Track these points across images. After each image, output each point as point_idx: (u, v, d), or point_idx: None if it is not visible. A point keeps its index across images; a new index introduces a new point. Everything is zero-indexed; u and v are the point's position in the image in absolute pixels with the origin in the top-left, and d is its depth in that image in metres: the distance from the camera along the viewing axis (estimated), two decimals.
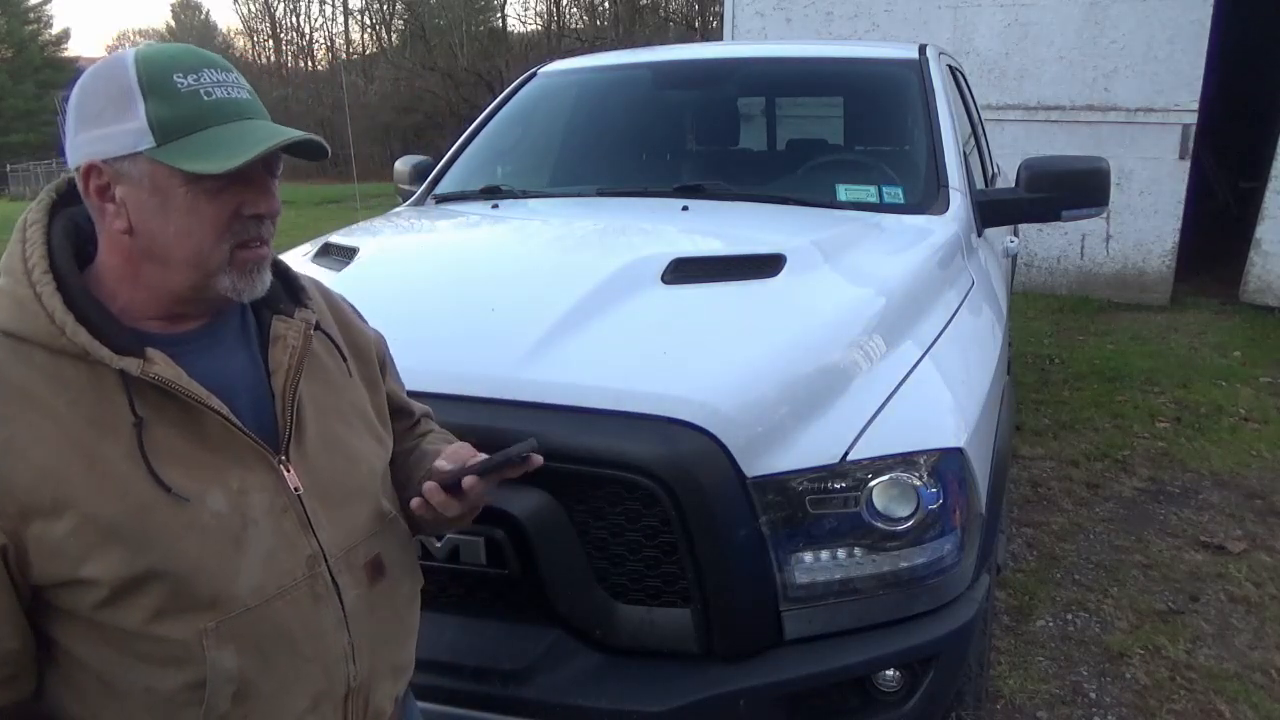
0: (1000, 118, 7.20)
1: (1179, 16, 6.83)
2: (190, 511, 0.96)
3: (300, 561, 1.03)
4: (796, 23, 8.10)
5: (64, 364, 0.94)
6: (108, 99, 0.95)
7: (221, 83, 0.97)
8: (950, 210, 2.48)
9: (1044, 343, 6.17)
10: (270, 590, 1.00)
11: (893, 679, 1.58)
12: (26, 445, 0.91)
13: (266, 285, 1.03)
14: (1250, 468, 4.00)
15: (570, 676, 1.53)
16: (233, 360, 1.05)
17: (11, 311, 0.94)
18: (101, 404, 0.94)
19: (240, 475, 1.00)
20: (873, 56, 3.26)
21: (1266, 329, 6.37)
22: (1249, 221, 7.04)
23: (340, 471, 1.10)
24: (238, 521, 0.99)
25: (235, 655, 0.98)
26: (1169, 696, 2.47)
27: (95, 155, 0.95)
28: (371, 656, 1.11)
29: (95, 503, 0.92)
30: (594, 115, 3.35)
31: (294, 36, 47.30)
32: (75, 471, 0.92)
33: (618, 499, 1.51)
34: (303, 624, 1.03)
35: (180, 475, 0.96)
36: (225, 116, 0.96)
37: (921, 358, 1.76)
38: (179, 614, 0.96)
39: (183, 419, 0.97)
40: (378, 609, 1.12)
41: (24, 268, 0.96)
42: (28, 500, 0.90)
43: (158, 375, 0.94)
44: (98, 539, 0.92)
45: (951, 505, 1.56)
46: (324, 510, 1.06)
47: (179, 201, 0.95)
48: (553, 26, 32.42)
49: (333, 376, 1.14)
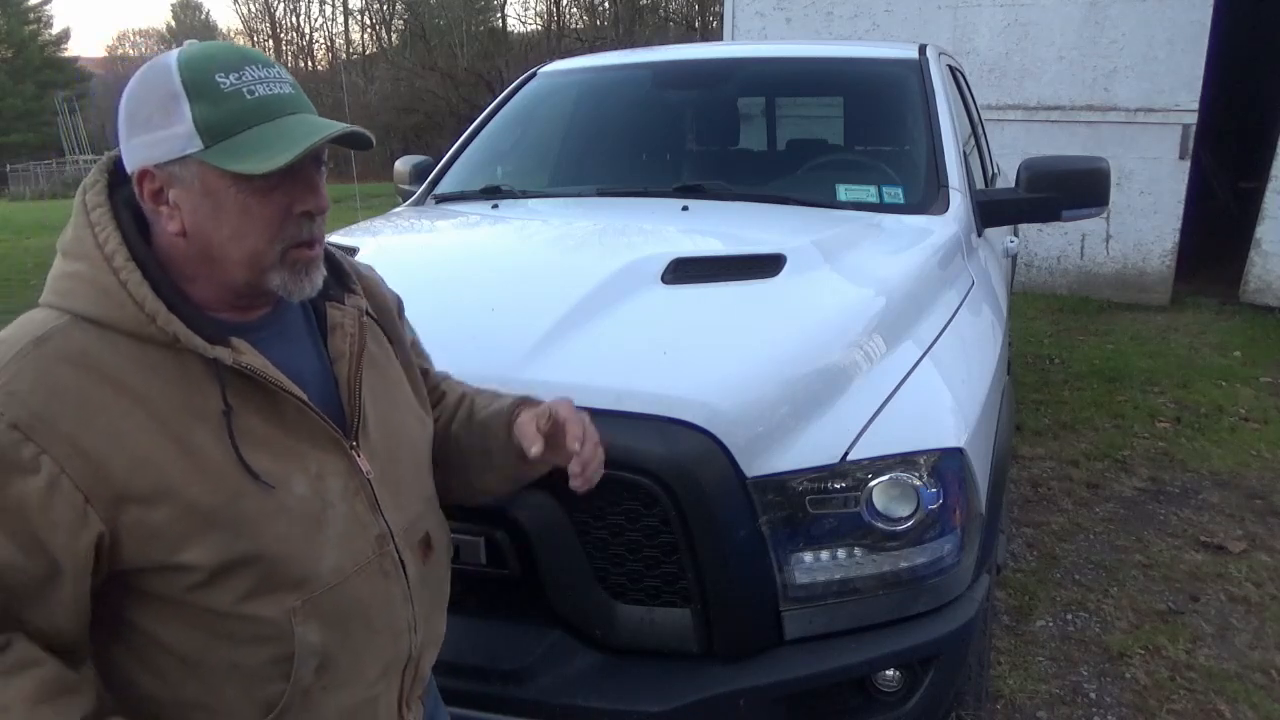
0: (1000, 118, 7.20)
1: (1179, 16, 6.83)
2: (277, 496, 0.98)
3: (371, 541, 1.07)
4: (796, 23, 8.10)
5: (150, 351, 0.94)
6: (155, 103, 0.95)
7: (264, 79, 0.97)
8: (950, 210, 2.48)
9: (1044, 343, 6.17)
10: (348, 569, 1.04)
11: (893, 679, 1.58)
12: (124, 432, 0.91)
13: (318, 285, 1.04)
14: (1250, 468, 4.00)
15: (570, 676, 1.53)
16: (299, 348, 1.07)
17: (95, 299, 0.94)
18: (190, 392, 0.95)
19: (318, 460, 1.03)
20: (873, 56, 3.26)
21: (1266, 329, 6.37)
22: (1249, 221, 7.04)
23: (396, 455, 1.13)
24: (317, 504, 1.02)
25: (319, 630, 1.02)
26: (1169, 696, 2.47)
27: (147, 160, 0.95)
28: (425, 628, 1.16)
29: (192, 490, 0.93)
30: (594, 115, 3.35)
31: (294, 36, 47.31)
32: (170, 459, 0.92)
33: (618, 499, 1.51)
34: (376, 599, 1.08)
35: (266, 461, 0.98)
36: (269, 114, 0.96)
37: (921, 358, 1.76)
38: (268, 594, 0.98)
39: (264, 406, 0.99)
40: (428, 583, 1.17)
41: (101, 254, 0.95)
42: (126, 487, 0.91)
43: (247, 364, 0.96)
44: (195, 525, 0.93)
45: (951, 505, 1.56)
46: (387, 492, 1.10)
47: (230, 203, 0.95)
48: (553, 26, 32.42)
49: (381, 361, 1.17)
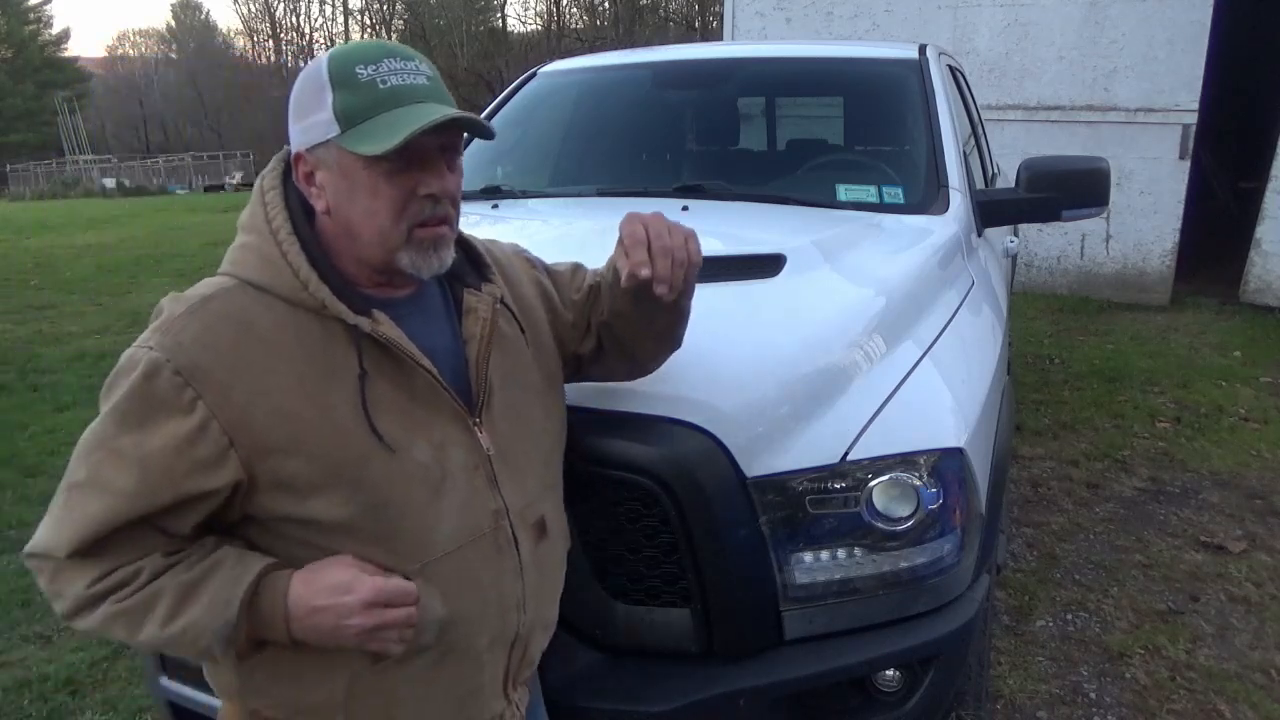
0: (1000, 118, 7.20)
1: (1179, 16, 6.83)
2: (399, 460, 1.06)
3: (487, 515, 1.14)
4: (796, 23, 8.10)
5: (300, 316, 1.05)
6: (309, 94, 1.06)
7: (398, 70, 1.05)
8: (950, 210, 2.48)
9: (1044, 343, 6.17)
10: (463, 538, 1.12)
11: (893, 679, 1.58)
12: (268, 387, 1.01)
13: (446, 263, 1.11)
14: (1250, 468, 4.00)
15: (570, 676, 1.53)
16: (434, 327, 1.16)
17: (258, 266, 1.06)
18: (331, 355, 1.05)
19: (441, 431, 1.11)
20: (873, 56, 3.25)
21: (1266, 329, 6.37)
22: (1249, 221, 7.04)
23: (518, 436, 1.20)
24: (437, 473, 1.09)
25: (438, 594, 1.09)
26: (1169, 696, 2.47)
27: (300, 145, 1.07)
28: (534, 608, 1.22)
29: (322, 445, 1.02)
30: (594, 115, 3.35)
31: (294, 36, 47.33)
32: (306, 414, 1.02)
33: (618, 499, 1.51)
34: (488, 572, 1.15)
35: (392, 426, 1.06)
36: (398, 101, 1.03)
37: (921, 358, 1.76)
38: (389, 554, 1.07)
39: (396, 375, 1.08)
40: (541, 565, 1.23)
41: (269, 228, 1.07)
42: (264, 437, 1.00)
43: (384, 334, 1.05)
44: (322, 479, 1.03)
45: (951, 505, 1.56)
46: (507, 471, 1.17)
47: (362, 183, 1.04)
48: (553, 26, 32.41)
49: (512, 348, 1.23)
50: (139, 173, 36.50)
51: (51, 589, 1.05)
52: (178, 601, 1.01)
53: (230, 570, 1.03)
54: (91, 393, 5.37)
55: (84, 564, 1.02)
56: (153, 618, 1.01)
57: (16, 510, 3.76)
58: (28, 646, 2.79)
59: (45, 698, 2.52)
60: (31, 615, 2.95)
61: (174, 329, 1.01)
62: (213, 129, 50.63)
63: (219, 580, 1.02)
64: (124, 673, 2.63)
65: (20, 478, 4.13)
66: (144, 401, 0.99)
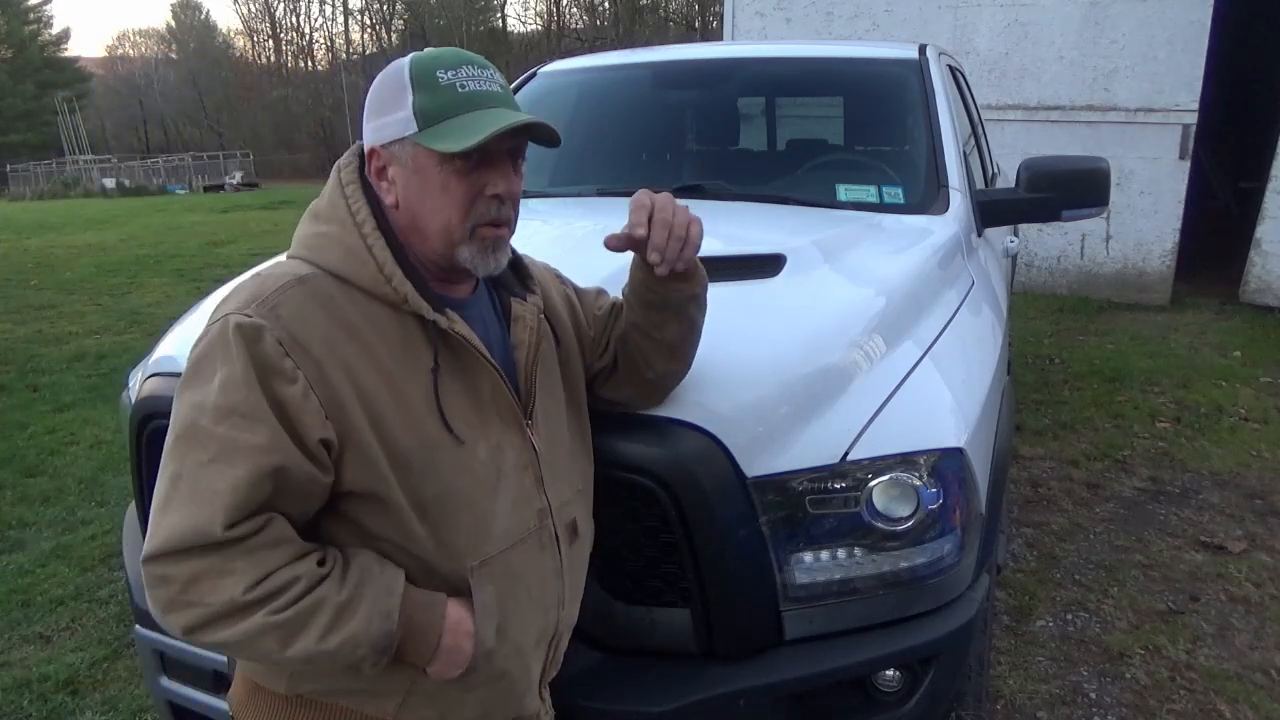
0: (1000, 118, 7.20)
1: (1179, 16, 6.83)
2: (464, 455, 1.11)
3: (533, 513, 1.19)
4: (796, 23, 8.10)
5: (377, 308, 1.09)
6: (389, 94, 1.10)
7: (476, 77, 1.10)
8: (950, 210, 2.48)
9: (1044, 343, 6.17)
10: (515, 535, 1.16)
11: (893, 679, 1.58)
12: (354, 369, 1.05)
13: (502, 264, 1.16)
14: (1250, 468, 4.00)
15: (570, 676, 1.53)
16: (490, 331, 1.20)
17: (342, 257, 1.09)
18: (408, 348, 1.09)
19: (499, 431, 1.15)
20: (873, 56, 3.25)
21: (1266, 329, 6.37)
22: (1249, 221, 7.04)
23: (556, 440, 1.26)
24: (494, 471, 1.14)
25: (494, 592, 1.13)
26: (1169, 696, 2.47)
27: (375, 141, 1.12)
28: (569, 607, 1.27)
29: (398, 431, 1.06)
30: (594, 115, 3.35)
31: (294, 36, 47.36)
32: (385, 400, 1.06)
33: (617, 499, 1.51)
34: (533, 569, 1.19)
35: (459, 422, 1.11)
36: (475, 105, 1.08)
37: (921, 358, 1.76)
38: (452, 545, 1.10)
39: (463, 374, 1.13)
40: (574, 565, 1.28)
41: (353, 221, 1.10)
42: (351, 415, 1.04)
43: (460, 333, 1.10)
44: (395, 461, 1.06)
45: (951, 505, 1.56)
46: (549, 472, 1.22)
47: (434, 179, 1.09)
48: (553, 26, 32.42)
49: (549, 358, 1.29)
50: (139, 173, 36.52)
51: (183, 598, 0.98)
52: (336, 615, 1.01)
53: (380, 581, 1.05)
54: (91, 393, 5.37)
55: (236, 555, 0.98)
56: (309, 631, 0.99)
57: (16, 510, 3.76)
58: (28, 646, 2.79)
59: (45, 698, 2.52)
60: (31, 615, 2.95)
61: (270, 301, 1.04)
62: (213, 129, 50.63)
63: (373, 591, 1.04)
64: (124, 673, 2.63)
65: (20, 478, 4.12)
66: (254, 363, 1.00)
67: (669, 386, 1.45)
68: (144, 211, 19.80)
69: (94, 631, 2.85)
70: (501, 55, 28.34)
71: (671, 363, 1.40)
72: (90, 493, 3.93)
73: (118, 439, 4.42)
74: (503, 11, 35.49)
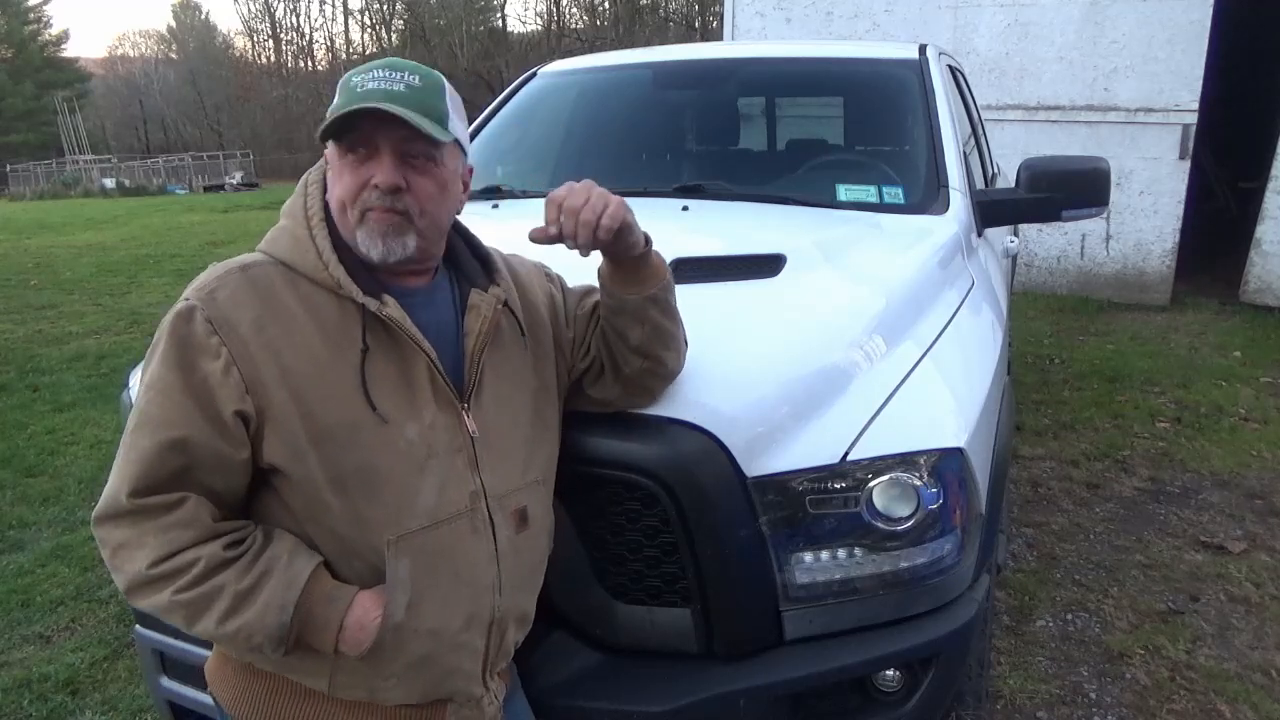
0: (1000, 118, 7.20)
1: (1179, 16, 6.83)
2: (389, 433, 1.16)
3: (465, 495, 1.22)
4: (796, 23, 8.10)
5: (321, 295, 1.18)
6: None
7: (384, 78, 1.16)
8: (950, 210, 2.48)
9: (1044, 343, 6.17)
10: (441, 515, 1.19)
11: (893, 679, 1.58)
12: (280, 349, 1.13)
13: (398, 252, 1.19)
14: (1250, 468, 4.00)
15: (570, 676, 1.53)
16: (441, 319, 1.26)
17: (290, 246, 1.20)
18: (342, 331, 1.17)
19: (432, 413, 1.20)
20: (873, 56, 3.25)
21: (1266, 329, 6.37)
22: (1249, 221, 7.04)
23: (505, 427, 1.29)
24: (423, 451, 1.19)
25: (409, 567, 1.17)
26: (1169, 697, 2.47)
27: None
28: (511, 595, 1.28)
29: (319, 408, 1.13)
30: (594, 115, 3.35)
31: (294, 36, 47.38)
32: (311, 377, 1.14)
33: (618, 499, 1.51)
34: (463, 551, 1.22)
35: (387, 401, 1.17)
36: (360, 100, 1.14)
37: (921, 358, 1.76)
38: (370, 516, 1.15)
39: (398, 357, 1.19)
40: (520, 555, 1.29)
41: (304, 215, 1.21)
42: (272, 391, 1.12)
43: (389, 315, 1.16)
44: (314, 438, 1.13)
45: (951, 505, 1.56)
46: (488, 457, 1.25)
47: (336, 169, 1.20)
48: (553, 26, 32.43)
49: (511, 347, 1.33)
50: (139, 173, 36.49)
51: (113, 563, 1.14)
52: (235, 603, 1.10)
53: (283, 574, 1.12)
54: (91, 393, 5.37)
55: (149, 531, 1.11)
56: (210, 614, 1.10)
57: (16, 510, 3.76)
58: (28, 646, 2.79)
59: (45, 698, 2.52)
60: (31, 615, 2.95)
61: (209, 286, 1.16)
62: (213, 129, 50.62)
63: (273, 585, 1.12)
64: (124, 673, 2.63)
65: (20, 478, 4.12)
66: (182, 342, 1.12)
67: (652, 387, 1.46)
68: (144, 211, 19.79)
69: (94, 631, 2.85)
70: (501, 55, 28.32)
71: (645, 362, 1.40)
72: (90, 493, 3.93)
73: (117, 439, 4.41)
74: (503, 11, 35.52)
